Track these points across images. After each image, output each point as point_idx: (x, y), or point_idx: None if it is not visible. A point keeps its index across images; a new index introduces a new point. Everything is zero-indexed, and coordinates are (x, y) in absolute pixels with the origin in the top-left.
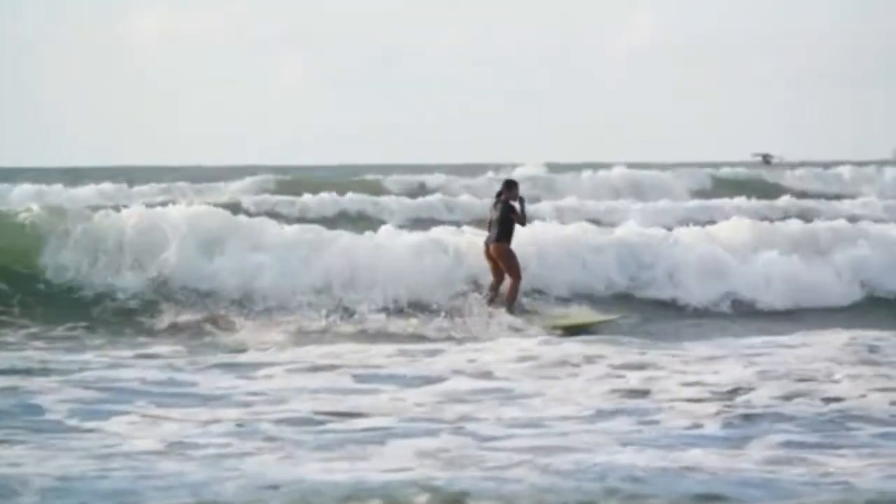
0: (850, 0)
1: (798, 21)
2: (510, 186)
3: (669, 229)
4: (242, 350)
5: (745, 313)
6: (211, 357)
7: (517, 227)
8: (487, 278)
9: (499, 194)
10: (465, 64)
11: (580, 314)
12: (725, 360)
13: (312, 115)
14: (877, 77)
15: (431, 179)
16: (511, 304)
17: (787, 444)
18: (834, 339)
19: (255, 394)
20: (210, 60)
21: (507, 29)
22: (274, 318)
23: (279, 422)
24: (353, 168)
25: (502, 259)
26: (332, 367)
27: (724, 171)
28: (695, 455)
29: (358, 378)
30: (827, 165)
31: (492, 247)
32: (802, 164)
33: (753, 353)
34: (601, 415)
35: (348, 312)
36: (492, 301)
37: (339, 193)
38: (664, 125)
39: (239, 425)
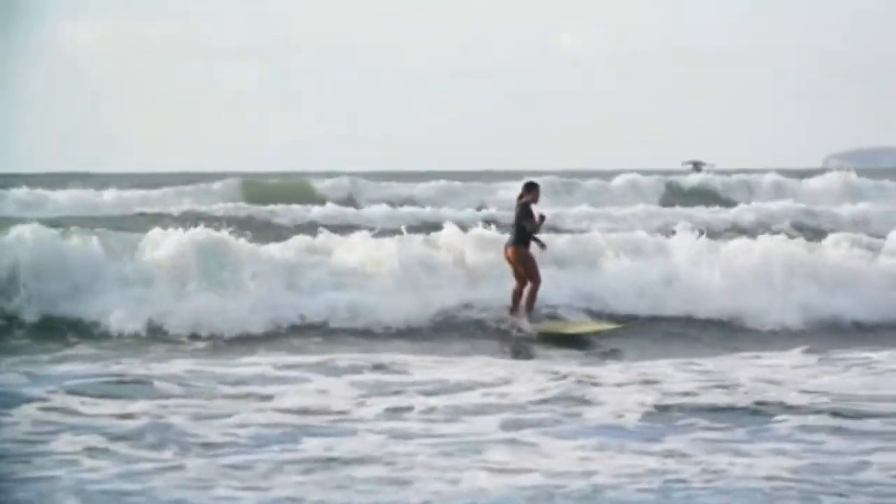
0: (782, 14)
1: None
2: (530, 188)
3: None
4: None
5: None
6: None
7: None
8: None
9: (520, 196)
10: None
11: (580, 324)
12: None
13: (263, 123)
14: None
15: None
16: (530, 308)
17: None
18: None
19: None
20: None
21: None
22: None
23: None
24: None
25: (519, 263)
26: None
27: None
28: None
29: None
30: (755, 172)
31: (508, 250)
32: (734, 172)
33: None
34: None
35: None
36: (515, 306)
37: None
38: (597, 134)
39: None
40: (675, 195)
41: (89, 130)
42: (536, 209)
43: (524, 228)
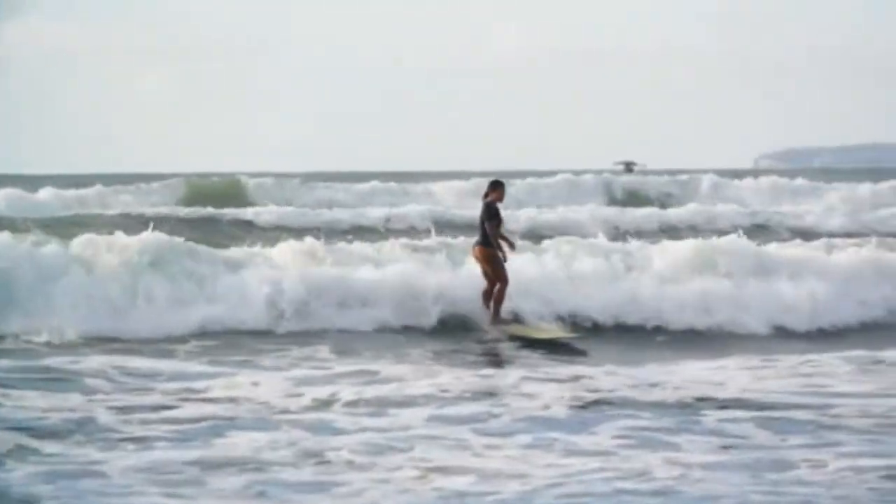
0: (711, 14)
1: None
2: (495, 187)
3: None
4: None
5: None
6: None
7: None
8: None
9: (485, 195)
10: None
11: (549, 329)
12: None
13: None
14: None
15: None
16: (497, 308)
17: None
18: None
19: None
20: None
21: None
22: None
23: None
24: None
25: (486, 262)
26: None
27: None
28: None
29: None
30: (685, 173)
31: (475, 250)
32: (665, 173)
33: None
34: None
35: None
36: (487, 305)
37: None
38: (528, 135)
39: None
40: (621, 196)
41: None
42: (501, 207)
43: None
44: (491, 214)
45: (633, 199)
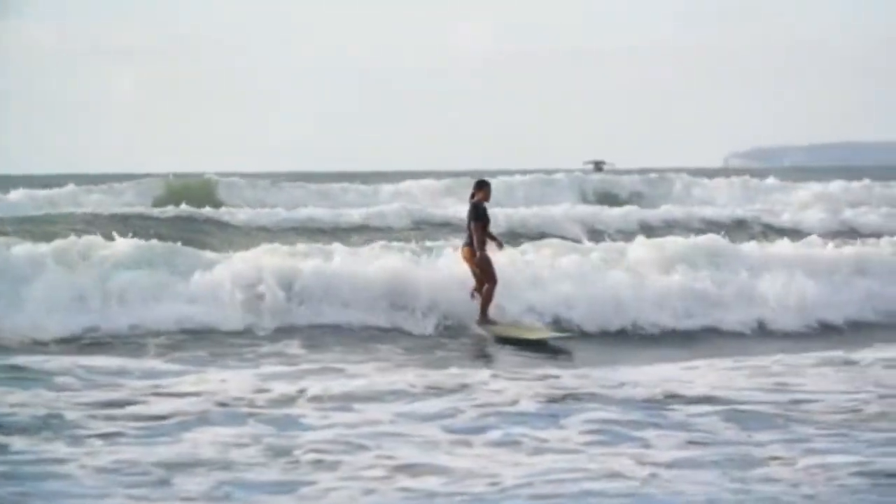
0: (682, 14)
1: (630, 34)
2: (481, 187)
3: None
4: None
5: None
6: None
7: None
8: None
9: (472, 196)
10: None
11: (536, 330)
12: None
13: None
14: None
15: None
16: (484, 308)
17: None
18: None
19: None
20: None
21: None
22: None
23: None
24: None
25: (475, 263)
26: None
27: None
28: None
29: None
30: (655, 172)
31: (464, 251)
32: (635, 172)
33: None
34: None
35: None
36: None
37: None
38: (496, 135)
39: None
40: (596, 195)
41: None
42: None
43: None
44: (478, 215)
45: (608, 198)
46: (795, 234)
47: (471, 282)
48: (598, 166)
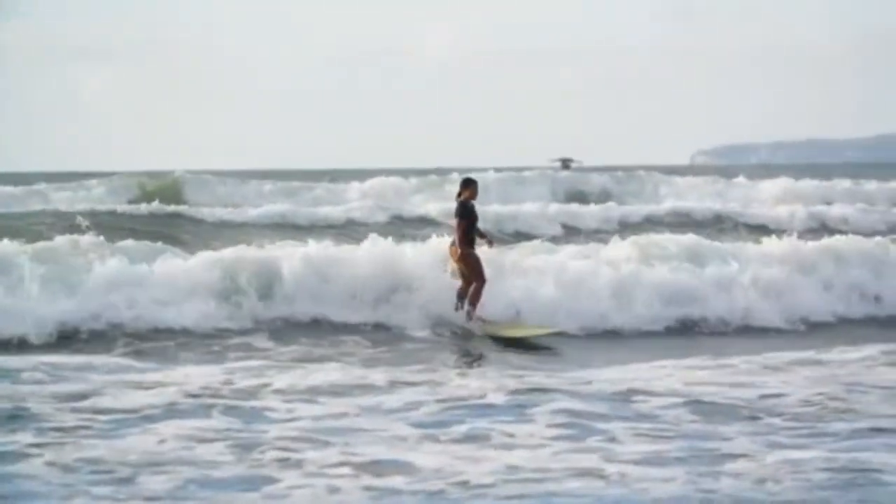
0: (650, 13)
1: (599, 32)
2: (467, 185)
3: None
4: None
5: None
6: None
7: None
8: None
9: (458, 194)
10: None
11: (524, 327)
12: None
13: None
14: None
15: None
16: (472, 308)
17: None
18: None
19: None
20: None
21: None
22: None
23: None
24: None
25: (463, 262)
26: None
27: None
28: None
29: None
30: (622, 169)
31: (451, 249)
32: (603, 169)
33: None
34: None
35: None
36: (461, 305)
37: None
38: (462, 133)
39: None
40: (567, 193)
41: None
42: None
43: (467, 228)
44: (465, 213)
45: (581, 196)
46: (768, 230)
47: (455, 286)
48: (566, 164)
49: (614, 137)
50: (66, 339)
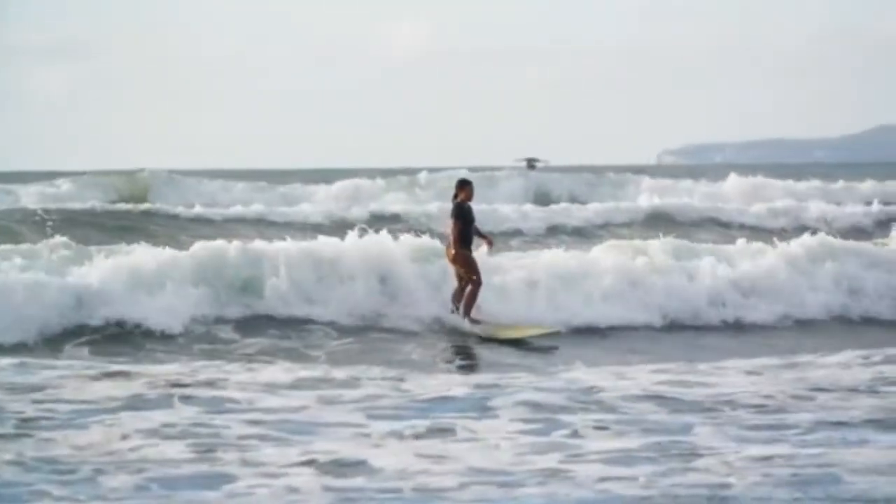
0: (616, 12)
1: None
2: (463, 186)
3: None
4: None
5: None
6: None
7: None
8: None
9: (454, 196)
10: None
11: (519, 328)
12: None
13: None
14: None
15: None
16: (468, 308)
17: None
18: None
19: None
20: None
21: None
22: None
23: None
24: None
25: (459, 264)
26: None
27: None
28: None
29: None
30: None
31: (448, 251)
32: (569, 169)
33: None
34: None
35: None
36: (456, 307)
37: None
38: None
39: None
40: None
41: None
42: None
43: (462, 229)
44: (461, 214)
45: (553, 197)
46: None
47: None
48: (532, 164)
49: (580, 137)
50: (36, 340)
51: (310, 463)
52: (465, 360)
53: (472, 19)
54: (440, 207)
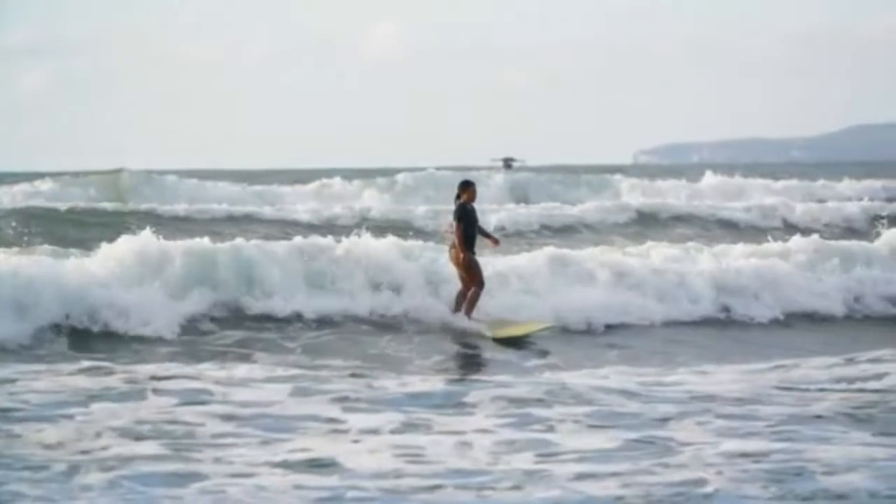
0: (594, 12)
1: (542, 30)
2: (466, 187)
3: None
4: None
5: None
6: None
7: (479, 229)
8: None
9: (457, 197)
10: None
11: (520, 325)
12: None
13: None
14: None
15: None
16: (469, 310)
17: None
18: None
19: None
20: None
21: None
22: None
23: None
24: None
25: (462, 266)
26: None
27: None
28: None
29: None
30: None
31: (451, 253)
32: (546, 169)
33: None
34: None
35: None
36: (458, 308)
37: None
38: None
39: None
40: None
41: None
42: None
43: (465, 230)
44: (464, 215)
45: (533, 196)
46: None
47: (456, 286)
48: (508, 163)
49: (557, 137)
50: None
51: (283, 463)
52: (442, 355)
53: (447, 19)
54: (421, 207)
